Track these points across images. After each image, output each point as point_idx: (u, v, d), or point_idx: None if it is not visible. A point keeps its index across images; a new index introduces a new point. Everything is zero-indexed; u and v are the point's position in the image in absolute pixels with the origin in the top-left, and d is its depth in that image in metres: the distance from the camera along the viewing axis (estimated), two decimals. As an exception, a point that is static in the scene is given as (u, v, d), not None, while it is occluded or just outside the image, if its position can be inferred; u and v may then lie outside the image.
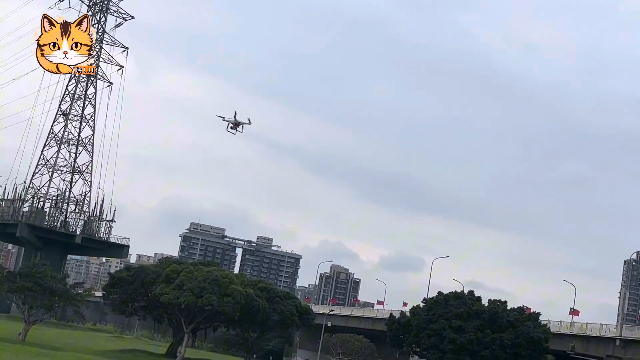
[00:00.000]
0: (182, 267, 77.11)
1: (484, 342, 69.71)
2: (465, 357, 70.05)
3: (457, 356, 70.34)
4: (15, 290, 72.96)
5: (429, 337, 72.34)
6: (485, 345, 69.69)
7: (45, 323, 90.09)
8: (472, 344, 69.74)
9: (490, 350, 69.55)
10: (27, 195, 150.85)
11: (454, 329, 70.83)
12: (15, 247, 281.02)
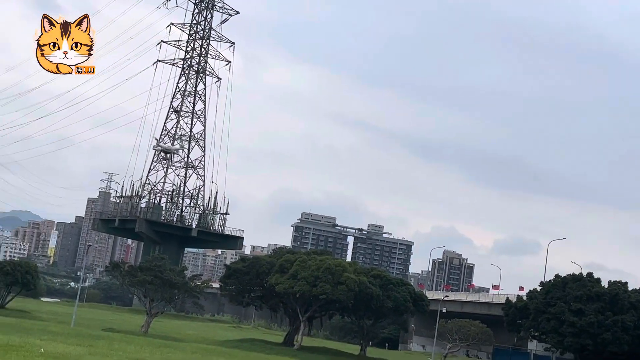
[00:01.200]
0: (295, 256, 77.91)
1: (605, 324, 67.85)
2: (586, 340, 68.36)
3: (577, 339, 68.70)
4: (136, 284, 75.34)
5: (547, 320, 70.89)
6: (606, 327, 67.83)
7: (166, 315, 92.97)
8: (593, 326, 67.98)
9: (611, 333, 67.66)
10: (144, 191, 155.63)
11: (574, 312, 69.19)
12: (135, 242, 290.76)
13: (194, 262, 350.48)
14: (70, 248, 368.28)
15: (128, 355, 31.25)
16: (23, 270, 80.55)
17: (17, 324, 52.99)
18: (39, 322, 64.12)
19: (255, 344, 73.63)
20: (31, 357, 24.12)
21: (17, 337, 33.56)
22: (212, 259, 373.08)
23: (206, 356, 37.90)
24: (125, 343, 43.53)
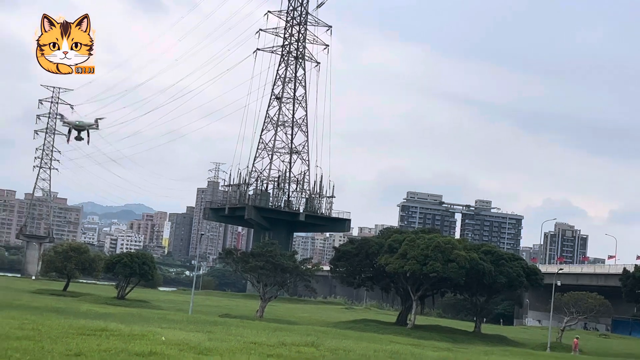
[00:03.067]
0: (403, 236, 77.75)
1: None
2: None
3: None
4: (249, 270, 76.81)
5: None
6: None
7: (279, 299, 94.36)
8: None
9: None
10: (251, 179, 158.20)
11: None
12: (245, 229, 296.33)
13: (304, 246, 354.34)
14: (183, 238, 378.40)
15: (245, 340, 31.87)
16: (140, 261, 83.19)
17: (137, 313, 54.85)
18: (158, 311, 66.18)
19: (368, 324, 73.97)
20: (154, 345, 24.91)
21: (138, 327, 34.72)
22: (320, 242, 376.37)
23: (321, 338, 38.26)
24: (242, 328, 44.44)
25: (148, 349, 23.05)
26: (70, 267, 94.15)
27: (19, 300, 59.25)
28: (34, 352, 19.61)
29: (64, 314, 43.37)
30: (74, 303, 65.13)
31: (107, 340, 25.66)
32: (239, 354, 24.71)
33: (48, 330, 27.29)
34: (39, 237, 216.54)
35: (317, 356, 26.68)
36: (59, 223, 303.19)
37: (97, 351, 21.13)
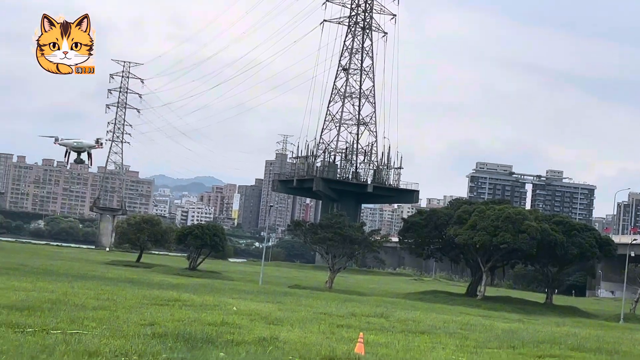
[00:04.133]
0: (473, 207, 76.99)
1: None
2: None
3: None
4: (318, 241, 77.17)
5: None
6: None
7: (348, 270, 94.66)
8: None
9: None
10: (318, 150, 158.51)
11: None
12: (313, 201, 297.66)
13: (371, 218, 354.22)
14: (252, 209, 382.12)
15: (315, 310, 32.11)
16: (211, 233, 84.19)
17: (209, 284, 55.68)
18: (229, 281, 67.09)
19: (437, 295, 73.69)
20: (226, 315, 25.27)
21: (210, 297, 35.26)
22: (388, 213, 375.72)
23: (390, 309, 38.32)
24: (312, 299, 44.77)
25: (220, 318, 23.39)
26: (142, 239, 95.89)
27: (94, 271, 60.73)
28: (109, 321, 20.06)
29: (138, 284, 44.30)
30: (146, 274, 66.45)
31: (180, 310, 26.13)
32: (309, 324, 24.88)
33: (123, 301, 27.91)
34: (112, 210, 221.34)
35: (387, 327, 26.69)
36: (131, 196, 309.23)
37: (170, 320, 21.51)
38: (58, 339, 15.21)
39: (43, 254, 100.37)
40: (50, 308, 21.95)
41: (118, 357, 13.20)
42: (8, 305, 21.62)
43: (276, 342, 18.01)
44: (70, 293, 29.37)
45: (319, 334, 21.78)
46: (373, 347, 18.81)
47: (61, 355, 12.78)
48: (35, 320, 18.31)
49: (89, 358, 12.81)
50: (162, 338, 16.91)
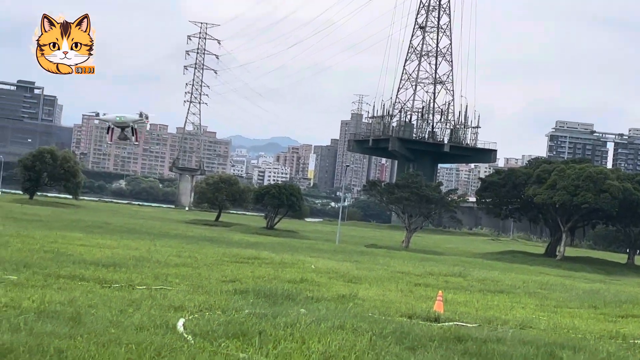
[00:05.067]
0: (552, 166, 75.66)
1: None
2: None
3: None
4: (394, 201, 77.13)
5: None
6: None
7: (424, 230, 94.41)
8: None
9: None
10: (394, 110, 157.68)
11: None
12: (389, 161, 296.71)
13: (448, 178, 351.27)
14: (328, 170, 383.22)
15: (392, 269, 32.22)
16: (288, 192, 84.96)
17: (286, 243, 56.37)
18: (306, 240, 67.74)
19: (516, 255, 73.00)
20: (305, 272, 25.58)
21: (289, 255, 35.70)
22: (465, 173, 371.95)
23: (468, 268, 38.19)
24: (389, 258, 44.91)
25: (299, 276, 23.70)
26: (221, 198, 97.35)
27: (175, 230, 62.05)
28: (192, 278, 20.53)
29: (217, 242, 45.13)
30: (225, 233, 67.58)
31: (260, 267, 26.56)
32: (387, 283, 25.00)
33: (204, 258, 28.49)
34: (190, 170, 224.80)
35: (465, 286, 26.63)
36: (209, 156, 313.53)
37: (251, 278, 21.90)
38: (144, 294, 15.67)
39: (125, 213, 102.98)
40: (135, 265, 22.56)
41: (202, 312, 13.52)
42: (94, 261, 22.31)
43: (355, 300, 18.18)
44: (153, 250, 30.12)
45: (397, 292, 21.88)
46: (452, 306, 18.82)
47: (148, 309, 13.17)
48: (121, 276, 18.87)
49: (174, 312, 13.16)
50: (244, 294, 17.24)
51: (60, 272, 18.49)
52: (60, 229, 39.80)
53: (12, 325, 10.21)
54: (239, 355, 9.60)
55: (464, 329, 13.87)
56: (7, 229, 36.15)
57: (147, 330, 10.98)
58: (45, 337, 9.51)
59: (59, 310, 12.02)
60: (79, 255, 24.47)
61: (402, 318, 15.30)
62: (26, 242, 27.95)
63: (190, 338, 10.67)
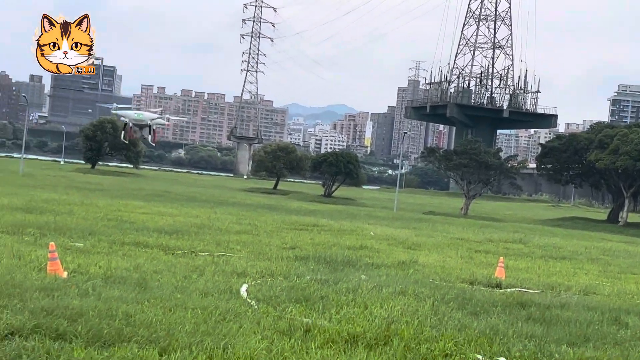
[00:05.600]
0: (615, 131, 74.12)
1: None
2: None
3: None
4: (452, 168, 76.54)
5: None
6: None
7: (483, 197, 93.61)
8: None
9: None
10: (452, 76, 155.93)
11: None
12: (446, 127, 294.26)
13: (507, 144, 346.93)
14: (385, 137, 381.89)
15: (452, 236, 32.08)
16: (345, 160, 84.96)
17: (344, 210, 56.48)
18: (363, 208, 67.76)
19: (576, 222, 72.02)
20: (364, 239, 25.64)
21: (347, 223, 35.80)
22: (524, 139, 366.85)
23: (528, 235, 37.81)
24: (447, 225, 44.71)
25: (358, 243, 23.76)
26: (279, 167, 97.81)
27: (234, 198, 62.62)
28: (252, 244, 20.74)
29: (276, 210, 45.44)
30: (284, 201, 67.97)
31: (319, 234, 26.69)
32: (447, 249, 24.92)
33: (263, 225, 28.73)
34: (248, 139, 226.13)
35: (526, 252, 26.40)
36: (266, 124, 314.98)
37: (310, 244, 22.03)
38: (207, 260, 15.90)
39: (184, 181, 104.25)
40: (196, 232, 22.86)
41: (264, 278, 13.67)
42: (157, 229, 22.68)
43: (415, 266, 18.17)
44: (213, 218, 30.48)
45: (457, 259, 21.81)
46: (513, 272, 18.70)
47: (211, 275, 13.36)
48: (184, 243, 19.16)
49: (237, 278, 13.33)
50: (304, 261, 17.37)
51: (125, 239, 18.85)
52: (122, 198, 40.50)
53: (81, 290, 10.48)
54: (303, 319, 9.69)
55: (527, 295, 13.79)
56: (71, 197, 36.95)
57: (212, 295, 11.15)
58: (113, 301, 9.73)
59: (125, 276, 12.28)
60: (142, 223, 24.89)
61: (463, 284, 15.25)
62: (90, 210, 28.52)
63: (254, 303, 10.81)
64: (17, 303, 9.15)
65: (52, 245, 12.57)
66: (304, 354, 8.05)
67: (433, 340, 9.14)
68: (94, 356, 7.22)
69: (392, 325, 9.67)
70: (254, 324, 9.29)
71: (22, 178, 63.69)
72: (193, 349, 7.72)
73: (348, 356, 8.12)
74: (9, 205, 27.03)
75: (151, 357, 7.33)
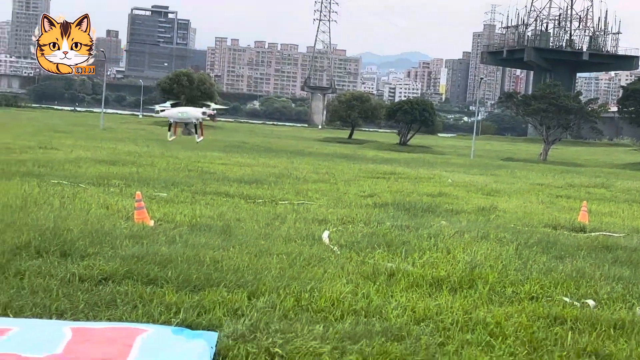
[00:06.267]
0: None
1: None
2: None
3: None
4: (530, 113, 75.18)
5: None
6: None
7: (563, 142, 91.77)
8: None
9: None
10: (529, 19, 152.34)
11: None
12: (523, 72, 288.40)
13: (587, 87, 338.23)
14: (460, 84, 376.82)
15: (531, 182, 31.66)
16: (420, 108, 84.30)
17: (420, 158, 56.21)
18: (440, 155, 67.31)
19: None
20: (442, 186, 25.53)
21: (424, 170, 35.66)
22: (605, 82, 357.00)
23: (610, 179, 37.01)
24: (526, 171, 44.11)
25: (437, 190, 23.66)
26: (353, 116, 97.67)
27: (310, 148, 62.91)
28: (331, 192, 20.86)
29: (352, 159, 45.50)
30: (359, 150, 67.99)
31: (396, 182, 26.66)
32: (527, 195, 24.62)
33: (340, 174, 28.84)
34: (322, 89, 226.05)
35: (608, 197, 25.88)
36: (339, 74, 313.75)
37: (388, 192, 22.03)
38: (287, 208, 16.08)
39: (260, 132, 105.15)
40: (275, 181, 23.09)
41: (345, 225, 13.76)
42: (237, 179, 23.01)
43: (496, 212, 18.02)
44: (291, 168, 30.72)
45: (538, 204, 21.52)
46: (597, 216, 18.38)
47: (293, 223, 13.52)
48: (264, 192, 19.39)
49: (318, 225, 13.45)
50: (383, 207, 17.40)
51: (206, 189, 19.19)
52: (200, 150, 41.10)
53: (168, 237, 10.74)
54: (386, 264, 9.76)
55: (612, 239, 13.56)
56: (152, 150, 37.69)
57: (295, 242, 11.30)
58: (200, 248, 9.96)
59: (209, 224, 12.52)
60: (221, 173, 25.26)
61: (546, 229, 15.08)
62: (171, 162, 29.07)
63: (337, 249, 10.92)
64: (109, 250, 9.45)
65: (139, 194, 12.89)
66: (390, 297, 8.12)
67: (518, 283, 9.11)
68: (186, 300, 7.43)
69: (476, 269, 9.66)
70: (338, 269, 9.40)
71: (103, 132, 65.23)
72: (280, 293, 7.87)
73: (433, 299, 8.16)
74: (93, 158, 27.76)
75: (241, 300, 7.50)
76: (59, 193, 15.76)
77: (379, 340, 6.46)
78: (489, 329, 7.09)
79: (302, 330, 6.59)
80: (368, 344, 6.36)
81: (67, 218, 11.82)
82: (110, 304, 7.24)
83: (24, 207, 13.04)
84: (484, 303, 8.11)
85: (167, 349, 5.97)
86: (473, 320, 7.34)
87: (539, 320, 7.51)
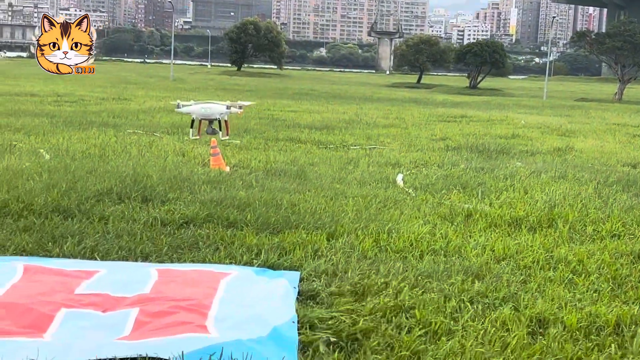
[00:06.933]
0: None
1: None
2: None
3: None
4: (604, 51, 73.05)
5: None
6: None
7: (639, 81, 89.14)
8: None
9: None
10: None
11: None
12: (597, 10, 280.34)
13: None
14: (531, 24, 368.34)
15: (607, 122, 30.97)
16: (490, 50, 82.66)
17: (491, 101, 55.32)
18: (510, 98, 66.11)
19: None
20: (515, 128, 25.17)
21: (496, 112, 35.16)
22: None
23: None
24: (601, 111, 43.12)
25: (510, 132, 23.34)
26: (422, 60, 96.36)
27: (378, 93, 62.49)
28: (402, 137, 20.76)
29: (422, 104, 45.07)
30: (428, 94, 67.25)
31: (468, 125, 26.38)
32: (603, 135, 24.11)
33: (410, 119, 28.64)
34: (389, 33, 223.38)
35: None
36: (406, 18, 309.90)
37: (460, 135, 21.82)
38: (359, 153, 16.08)
39: (327, 79, 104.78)
40: (346, 127, 23.07)
41: (419, 168, 13.72)
42: (307, 125, 23.05)
43: (572, 152, 17.71)
44: (360, 113, 30.63)
45: (615, 144, 21.07)
46: (678, 154, 17.90)
47: (366, 166, 13.53)
48: (335, 138, 19.40)
49: (391, 168, 13.44)
50: (456, 150, 17.26)
51: (278, 135, 19.31)
52: (269, 98, 41.25)
53: (245, 182, 10.87)
54: (463, 205, 9.71)
55: (695, 175, 13.22)
56: (223, 99, 37.99)
57: (369, 185, 11.32)
58: (276, 192, 10.06)
59: (284, 169, 12.63)
60: (292, 120, 25.32)
61: (625, 167, 14.78)
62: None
63: (412, 191, 10.90)
64: (188, 195, 9.62)
65: (214, 141, 13.06)
66: (468, 237, 8.10)
67: (599, 221, 8.98)
68: (266, 242, 7.54)
69: (555, 208, 9.55)
70: (415, 210, 9.40)
71: (173, 83, 65.90)
72: (359, 234, 7.92)
73: (513, 238, 8.11)
74: (165, 108, 28.13)
75: (320, 241, 7.58)
76: (136, 142, 16.08)
77: (459, 278, 6.47)
78: (571, 267, 7.03)
79: (382, 269, 6.64)
80: (448, 282, 6.37)
81: (146, 165, 12.07)
82: (192, 246, 7.40)
83: (103, 156, 13.36)
84: (565, 242, 8.04)
85: (251, 290, 6.08)
86: (554, 259, 7.29)
87: (622, 258, 7.42)
